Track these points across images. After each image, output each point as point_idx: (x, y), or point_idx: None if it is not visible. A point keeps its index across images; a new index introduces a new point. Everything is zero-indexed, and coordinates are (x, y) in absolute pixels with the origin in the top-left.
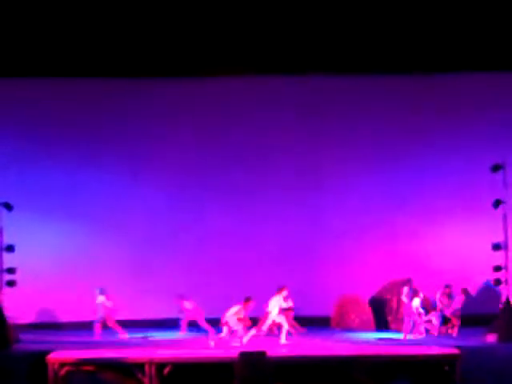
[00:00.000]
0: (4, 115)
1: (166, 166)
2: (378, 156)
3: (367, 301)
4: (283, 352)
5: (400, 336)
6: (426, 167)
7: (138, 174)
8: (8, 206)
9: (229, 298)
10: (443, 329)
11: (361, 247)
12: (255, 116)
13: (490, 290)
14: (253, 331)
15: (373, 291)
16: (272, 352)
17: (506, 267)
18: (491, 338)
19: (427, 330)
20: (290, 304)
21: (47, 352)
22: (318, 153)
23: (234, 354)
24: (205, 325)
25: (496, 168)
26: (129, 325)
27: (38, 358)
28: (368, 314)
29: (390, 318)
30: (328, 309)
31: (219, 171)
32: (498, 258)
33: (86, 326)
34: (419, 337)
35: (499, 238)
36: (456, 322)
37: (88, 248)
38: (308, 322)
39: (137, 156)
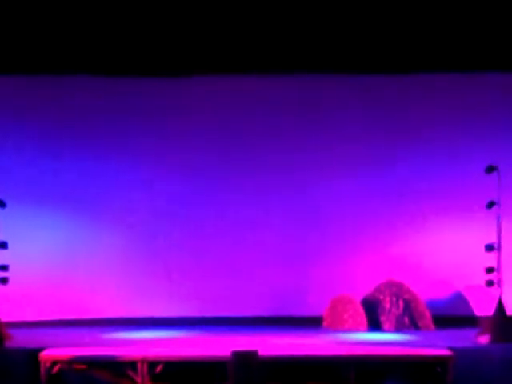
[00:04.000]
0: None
1: (169, 161)
2: (369, 156)
3: (360, 301)
4: (275, 352)
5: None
6: (419, 167)
7: (139, 168)
8: (1, 203)
9: (219, 297)
10: None
11: (353, 248)
12: (246, 115)
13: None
14: None
15: (365, 292)
16: (264, 352)
17: (498, 269)
18: (484, 340)
19: None
20: None
21: (40, 350)
22: (310, 151)
23: (225, 353)
24: None
25: (490, 169)
26: (126, 323)
27: (31, 356)
28: (361, 314)
29: (383, 319)
30: (320, 309)
31: (208, 172)
32: (491, 259)
33: (80, 324)
34: None
35: (492, 240)
36: None
37: (83, 245)
38: (300, 322)
39: (137, 150)
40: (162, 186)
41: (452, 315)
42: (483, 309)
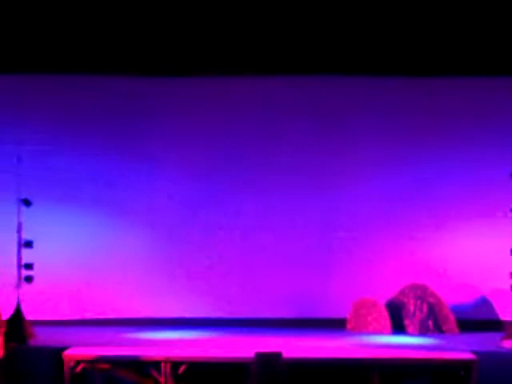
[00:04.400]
0: (25, 108)
1: (185, 162)
2: (393, 158)
3: (384, 304)
4: (299, 354)
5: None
6: (443, 171)
7: (164, 168)
8: (27, 202)
9: (243, 298)
10: None
11: (378, 251)
12: (256, 117)
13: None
14: None
15: (389, 295)
16: (288, 353)
17: None
18: (508, 344)
19: None
20: None
21: (64, 349)
22: (330, 153)
23: (249, 354)
24: None
25: None
26: (150, 323)
27: (55, 355)
28: (385, 317)
29: (407, 322)
30: (344, 311)
31: (228, 173)
32: None
33: (103, 324)
34: None
35: None
36: None
37: (106, 245)
38: (324, 324)
39: (162, 150)
40: (179, 187)
41: (476, 319)
42: (508, 313)
